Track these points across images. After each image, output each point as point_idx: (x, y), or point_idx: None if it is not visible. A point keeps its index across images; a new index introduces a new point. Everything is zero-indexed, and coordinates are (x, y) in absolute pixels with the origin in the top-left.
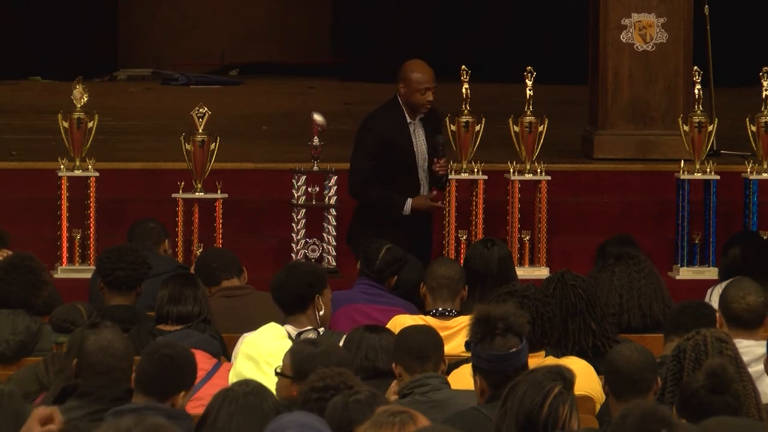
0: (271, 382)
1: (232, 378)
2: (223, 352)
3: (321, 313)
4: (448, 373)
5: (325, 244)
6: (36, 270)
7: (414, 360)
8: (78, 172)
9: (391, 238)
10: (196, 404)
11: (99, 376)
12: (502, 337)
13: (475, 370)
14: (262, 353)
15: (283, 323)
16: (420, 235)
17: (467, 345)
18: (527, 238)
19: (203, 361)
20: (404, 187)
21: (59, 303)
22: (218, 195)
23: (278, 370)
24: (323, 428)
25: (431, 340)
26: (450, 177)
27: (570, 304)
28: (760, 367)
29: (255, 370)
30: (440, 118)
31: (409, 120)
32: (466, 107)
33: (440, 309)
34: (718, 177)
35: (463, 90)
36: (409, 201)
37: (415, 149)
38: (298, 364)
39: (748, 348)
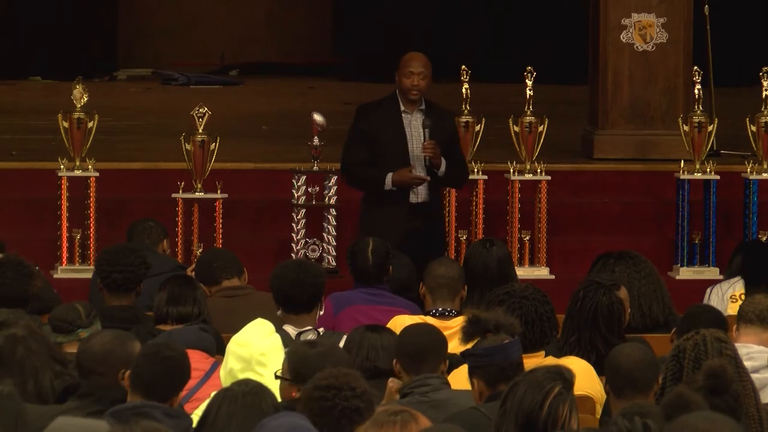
0: (264, 383)
1: (224, 378)
2: (219, 351)
3: (321, 312)
4: (447, 372)
5: (325, 244)
6: (23, 262)
7: (410, 361)
8: (78, 172)
9: (390, 231)
10: (196, 404)
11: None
12: (494, 334)
13: (472, 372)
14: (253, 353)
15: (280, 323)
16: (424, 234)
17: (462, 355)
18: (527, 238)
19: (200, 360)
20: None
21: (58, 303)
22: (218, 195)
23: (278, 374)
24: (313, 430)
25: (431, 342)
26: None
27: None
28: None
29: (247, 372)
30: (448, 117)
31: (403, 109)
32: (466, 107)
33: (440, 309)
34: (718, 177)
35: (463, 90)
36: (389, 175)
37: (408, 139)
38: (295, 366)
39: (760, 354)
